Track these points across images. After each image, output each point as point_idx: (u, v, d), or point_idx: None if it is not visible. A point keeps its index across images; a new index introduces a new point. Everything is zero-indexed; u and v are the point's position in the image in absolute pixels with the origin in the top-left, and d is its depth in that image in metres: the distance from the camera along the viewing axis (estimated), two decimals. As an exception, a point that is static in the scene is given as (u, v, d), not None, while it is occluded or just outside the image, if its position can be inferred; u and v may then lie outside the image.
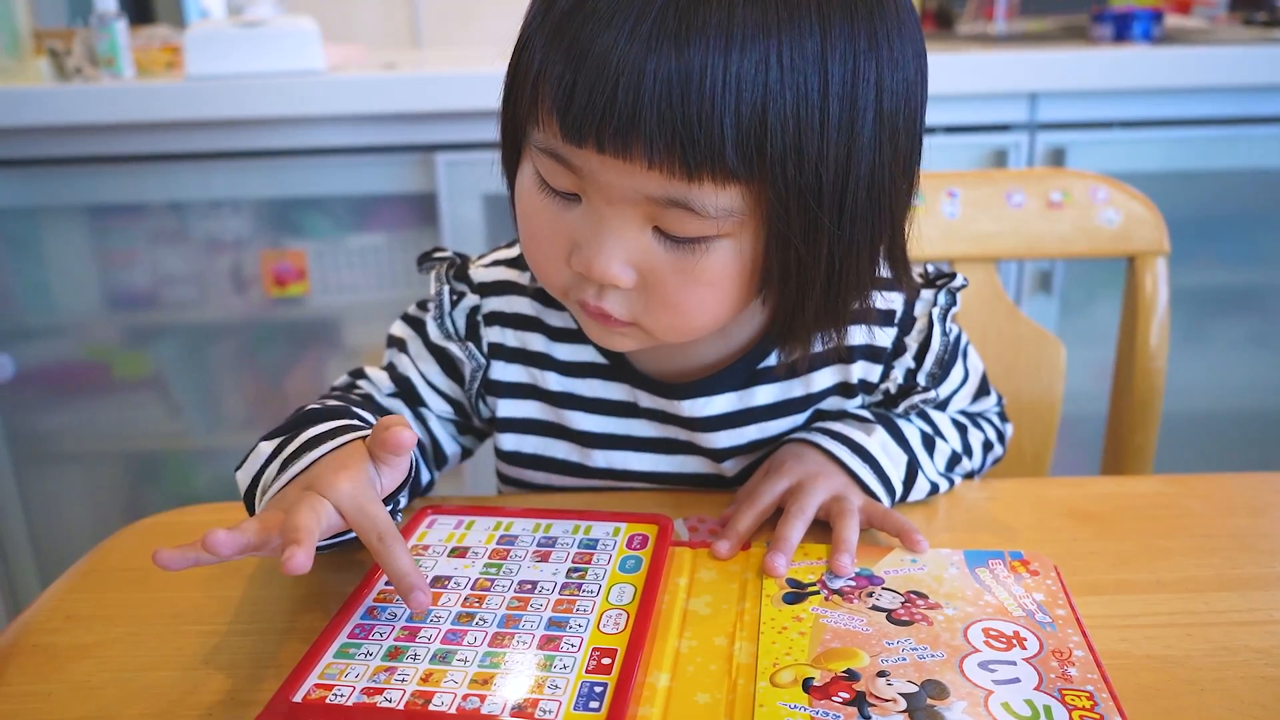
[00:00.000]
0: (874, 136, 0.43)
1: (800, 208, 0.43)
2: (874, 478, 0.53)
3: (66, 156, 1.24)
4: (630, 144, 0.41)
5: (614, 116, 0.40)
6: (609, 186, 0.43)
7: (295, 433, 0.48)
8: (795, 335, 0.49)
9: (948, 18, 1.60)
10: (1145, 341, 0.81)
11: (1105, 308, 1.16)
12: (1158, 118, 1.26)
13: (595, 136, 0.41)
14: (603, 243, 0.44)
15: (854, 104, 0.42)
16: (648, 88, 0.39)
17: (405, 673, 0.40)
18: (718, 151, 0.40)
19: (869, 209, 0.45)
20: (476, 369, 0.59)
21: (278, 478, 0.46)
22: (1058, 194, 0.81)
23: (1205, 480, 0.58)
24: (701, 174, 0.41)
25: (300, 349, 1.43)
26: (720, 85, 0.39)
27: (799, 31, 0.40)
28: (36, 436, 1.39)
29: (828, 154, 0.42)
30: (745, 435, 0.57)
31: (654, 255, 0.45)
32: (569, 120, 0.42)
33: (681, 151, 0.40)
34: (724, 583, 0.47)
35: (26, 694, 0.42)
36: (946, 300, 0.56)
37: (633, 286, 0.46)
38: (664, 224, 0.44)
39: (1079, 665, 0.40)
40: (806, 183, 0.42)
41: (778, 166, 0.41)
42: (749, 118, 0.40)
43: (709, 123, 0.40)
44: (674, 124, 0.40)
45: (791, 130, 0.41)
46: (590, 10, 0.41)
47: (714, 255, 0.45)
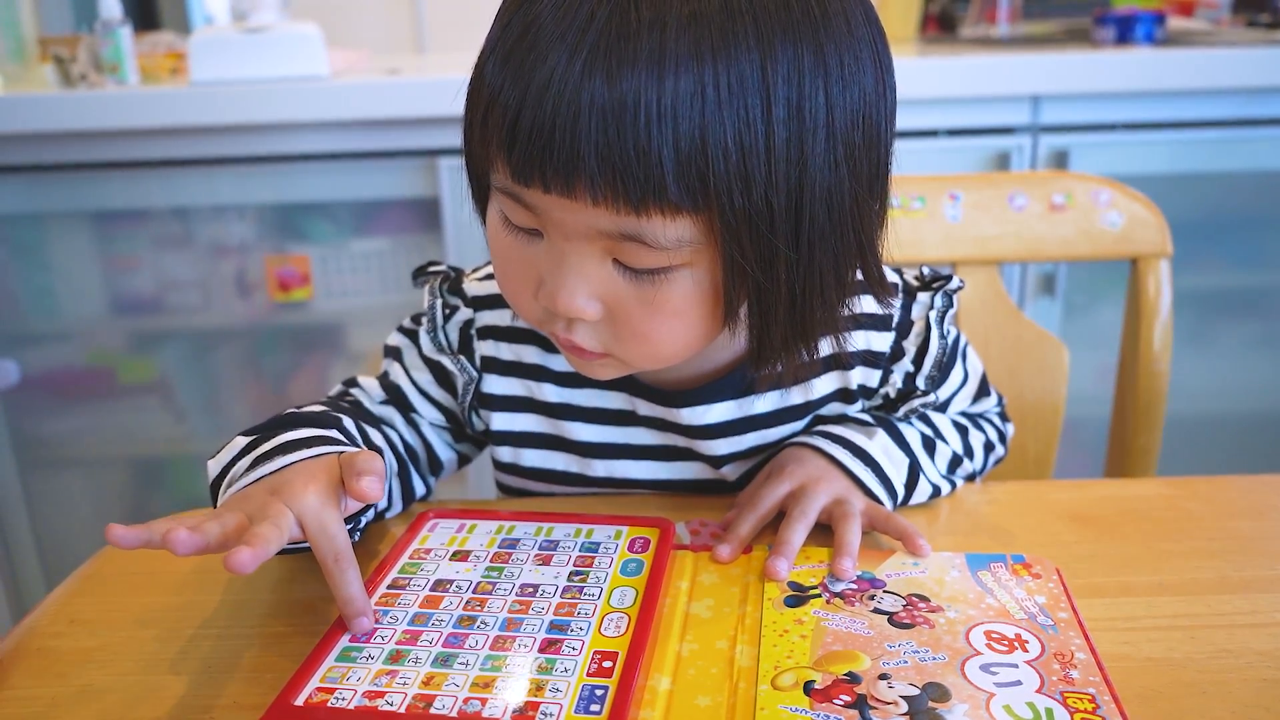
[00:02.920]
0: (828, 157, 0.42)
1: (753, 235, 0.42)
2: (875, 480, 0.53)
3: (71, 162, 1.25)
4: (573, 183, 0.40)
5: (554, 156, 0.40)
6: (562, 223, 0.43)
7: (273, 433, 0.48)
8: (766, 357, 0.49)
9: (950, 21, 1.60)
10: (1148, 344, 0.80)
11: (1108, 310, 1.16)
12: (1160, 120, 1.26)
13: (540, 176, 0.41)
14: (564, 278, 0.44)
15: (801, 126, 0.41)
16: (583, 126, 0.39)
17: (407, 676, 0.40)
18: (659, 185, 0.40)
19: (830, 230, 0.44)
20: (469, 382, 0.59)
21: (246, 474, 0.46)
22: (1060, 196, 0.81)
23: (1208, 483, 0.58)
24: (648, 208, 0.41)
25: (304, 354, 1.44)
26: (655, 117, 0.39)
27: (735, 56, 0.39)
28: (41, 441, 1.40)
29: (777, 179, 0.41)
30: (745, 442, 0.57)
31: (616, 287, 0.45)
32: (514, 161, 0.42)
33: (624, 187, 0.40)
34: (725, 586, 0.47)
35: (30, 698, 0.42)
36: (943, 303, 0.56)
37: (599, 318, 0.46)
38: (621, 256, 0.44)
39: (1081, 668, 0.40)
40: (756, 209, 0.41)
41: (724, 195, 0.41)
42: (688, 148, 0.39)
43: (646, 157, 0.39)
44: (612, 161, 0.39)
45: (734, 157, 0.40)
46: (528, 47, 0.40)
47: (675, 285, 0.44)
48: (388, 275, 1.35)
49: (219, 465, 0.49)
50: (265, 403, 1.42)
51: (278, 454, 0.46)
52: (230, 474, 0.48)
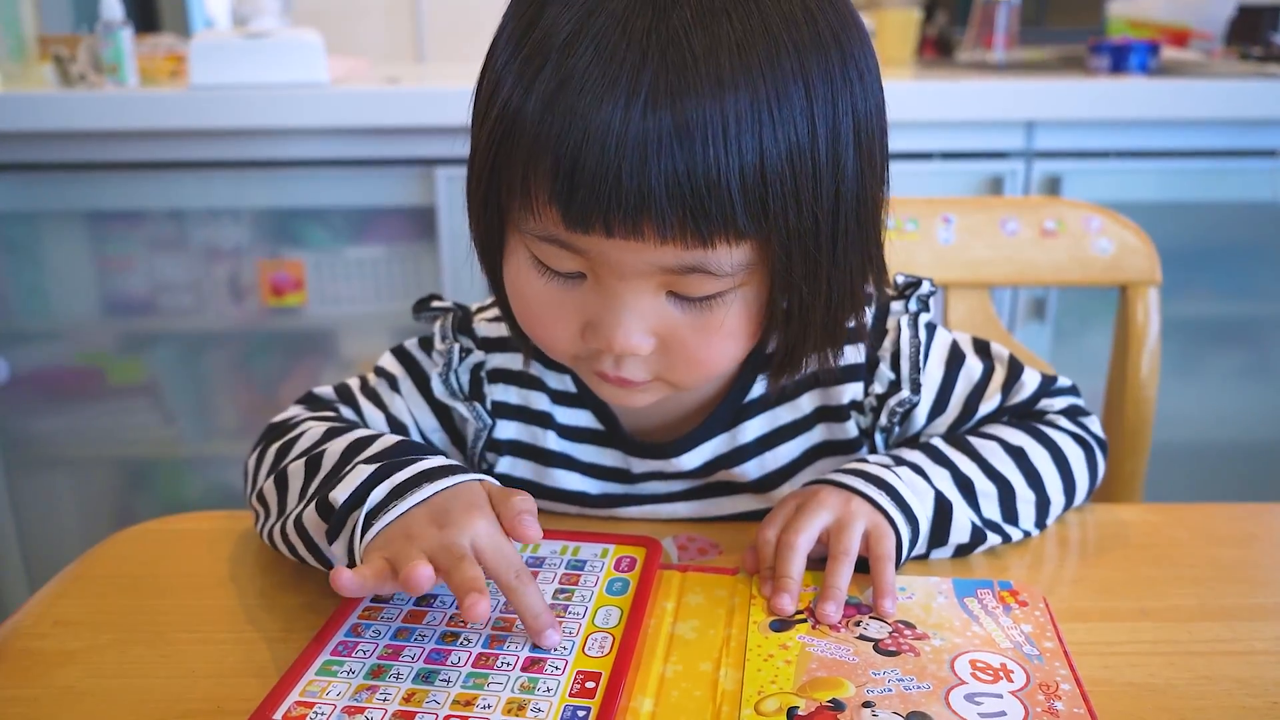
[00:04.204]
0: (856, 166, 0.44)
1: (801, 252, 0.43)
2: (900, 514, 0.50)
3: (68, 162, 1.25)
4: (640, 224, 0.41)
5: (621, 201, 0.40)
6: (620, 264, 0.43)
7: (396, 460, 0.47)
8: (792, 366, 0.50)
9: (947, 45, 1.62)
10: (1136, 370, 0.81)
11: (1097, 336, 1.17)
12: (1152, 149, 1.27)
13: (603, 223, 0.41)
14: (620, 319, 0.44)
15: (837, 141, 0.43)
16: (652, 167, 0.39)
17: (387, 692, 0.40)
18: (729, 217, 0.41)
19: (858, 235, 0.46)
20: (481, 429, 0.58)
21: (390, 504, 0.45)
22: (1052, 222, 0.82)
23: (1192, 510, 0.59)
24: (714, 238, 0.41)
25: (295, 359, 1.43)
26: (722, 151, 0.39)
27: (783, 81, 0.41)
28: (29, 441, 1.39)
29: (822, 195, 0.43)
30: (747, 473, 0.57)
31: (671, 318, 0.45)
32: (573, 210, 0.41)
33: (694, 223, 0.40)
34: (711, 608, 0.47)
35: (12, 699, 0.42)
36: (916, 306, 0.55)
37: (652, 351, 0.46)
38: (679, 288, 0.44)
39: (1065, 699, 0.40)
40: (806, 227, 0.43)
41: (779, 218, 0.42)
42: (751, 172, 0.40)
43: (717, 190, 0.40)
44: (683, 198, 0.40)
45: (789, 180, 0.41)
46: (576, 93, 0.40)
47: (730, 307, 0.45)
48: (381, 283, 1.34)
49: (346, 492, 0.46)
50: (255, 407, 1.41)
51: (422, 482, 0.45)
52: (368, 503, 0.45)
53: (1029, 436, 0.56)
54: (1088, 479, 0.57)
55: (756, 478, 0.57)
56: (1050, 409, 0.59)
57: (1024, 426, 0.57)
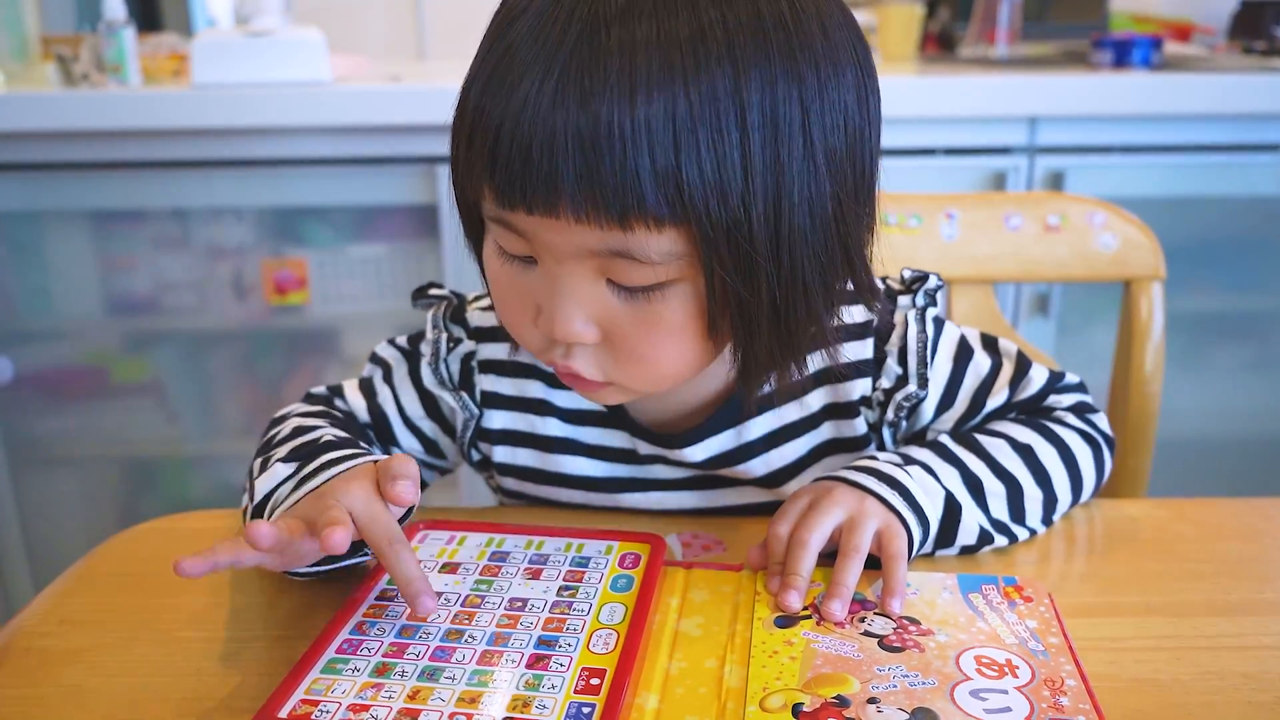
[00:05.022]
0: (806, 163, 0.42)
1: (732, 246, 0.42)
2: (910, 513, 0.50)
3: (71, 161, 1.25)
4: (555, 203, 0.41)
5: (534, 177, 0.40)
6: (552, 245, 0.43)
7: (311, 457, 0.50)
8: (753, 372, 0.48)
9: (950, 40, 1.62)
10: (1140, 365, 0.81)
11: (1101, 331, 1.17)
12: (1155, 144, 1.27)
13: (523, 199, 0.41)
14: (560, 302, 0.44)
15: (776, 133, 0.41)
16: (560, 146, 0.40)
17: (392, 689, 0.40)
18: (638, 198, 0.40)
19: (813, 238, 0.44)
20: (469, 419, 0.59)
21: (291, 494, 0.48)
22: (1055, 218, 0.81)
23: (1197, 505, 0.58)
24: (630, 222, 0.41)
25: (299, 358, 1.43)
26: (630, 137, 0.39)
27: (707, 73, 0.40)
28: (33, 440, 1.39)
29: (754, 187, 0.41)
30: (753, 470, 0.57)
31: (612, 308, 0.45)
32: (497, 185, 0.42)
33: (604, 204, 0.40)
34: (716, 604, 0.47)
35: (18, 697, 0.42)
36: (923, 301, 0.55)
37: (598, 341, 0.46)
38: (613, 275, 0.44)
39: (1071, 695, 0.40)
40: (734, 219, 0.41)
41: (700, 205, 0.41)
42: (663, 164, 0.40)
43: (624, 172, 0.40)
44: (591, 178, 0.40)
45: (710, 169, 0.40)
46: (504, 71, 0.41)
47: (670, 301, 0.44)
48: (385, 281, 1.34)
49: (262, 492, 0.49)
50: (258, 406, 1.42)
51: (321, 471, 0.48)
52: (275, 497, 0.49)
53: (1037, 434, 0.56)
54: (1095, 476, 0.57)
55: (762, 475, 0.57)
56: (1058, 405, 0.58)
57: (1032, 424, 0.57)
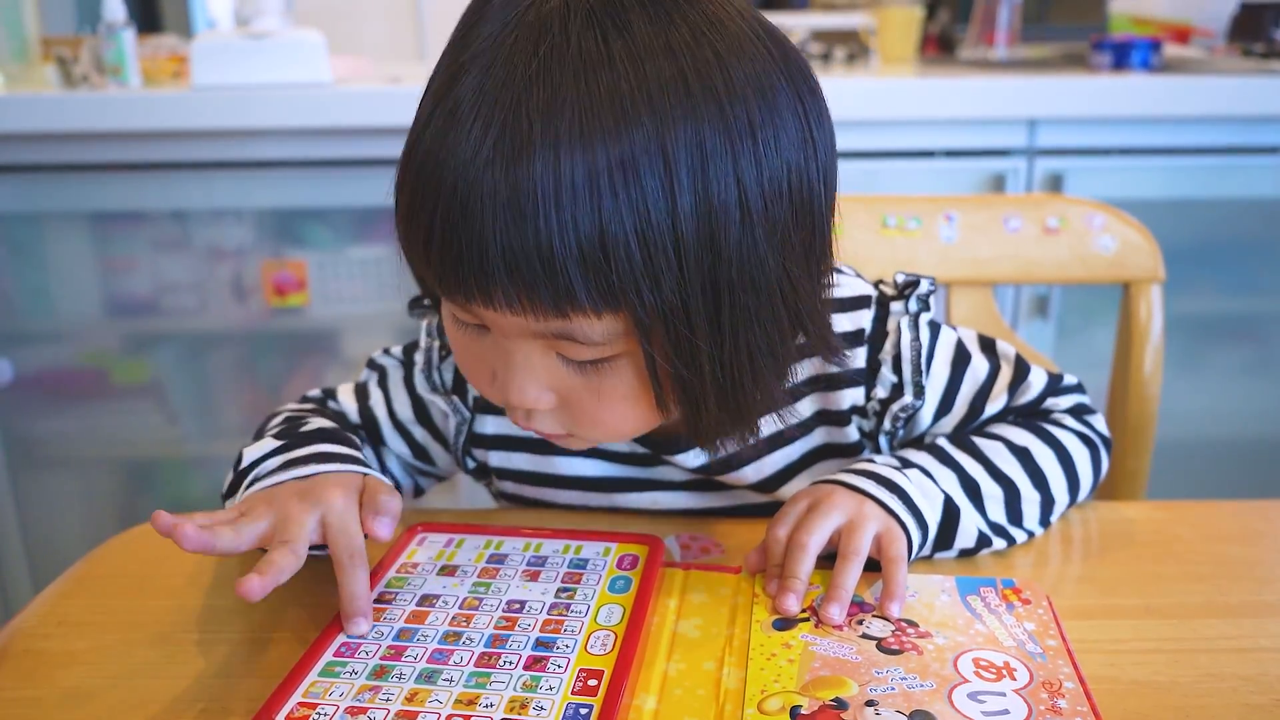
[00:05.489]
0: (745, 240, 0.40)
1: (669, 330, 0.41)
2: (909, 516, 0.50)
3: (71, 163, 1.25)
4: (492, 296, 0.41)
5: (466, 273, 0.40)
6: (498, 324, 0.43)
7: (308, 441, 0.51)
8: (705, 437, 0.47)
9: (949, 42, 1.62)
10: (1139, 367, 0.81)
11: (1101, 333, 1.17)
12: (1155, 146, 1.27)
13: (461, 289, 0.42)
14: (513, 374, 0.45)
15: (710, 213, 0.40)
16: (489, 241, 0.39)
17: (390, 692, 0.40)
18: (569, 294, 0.40)
19: (757, 311, 0.42)
20: (461, 423, 0.59)
21: (278, 472, 0.49)
22: (1054, 220, 0.81)
23: (1196, 507, 0.58)
24: (567, 312, 0.41)
25: (299, 359, 1.43)
26: (556, 229, 0.38)
27: (630, 154, 0.38)
28: (33, 441, 1.39)
29: (688, 273, 0.40)
30: (746, 476, 0.57)
31: (564, 377, 0.45)
32: (434, 275, 0.42)
33: (538, 299, 0.40)
34: (714, 606, 0.47)
35: (16, 699, 0.42)
36: (916, 306, 0.55)
37: (554, 407, 0.46)
38: (561, 350, 0.44)
39: (1069, 697, 0.40)
40: (669, 305, 0.40)
41: (631, 294, 0.40)
42: (591, 253, 0.39)
43: (552, 269, 0.39)
44: (521, 276, 0.40)
45: (638, 256, 0.39)
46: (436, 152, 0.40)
47: (619, 373, 0.44)
48: (384, 283, 1.35)
49: (252, 458, 0.50)
50: (259, 407, 1.42)
51: (311, 461, 0.49)
52: (258, 469, 0.50)
53: (1034, 436, 0.56)
54: (1092, 477, 0.57)
55: (755, 481, 0.57)
56: (1056, 407, 0.58)
57: (1028, 425, 0.57)
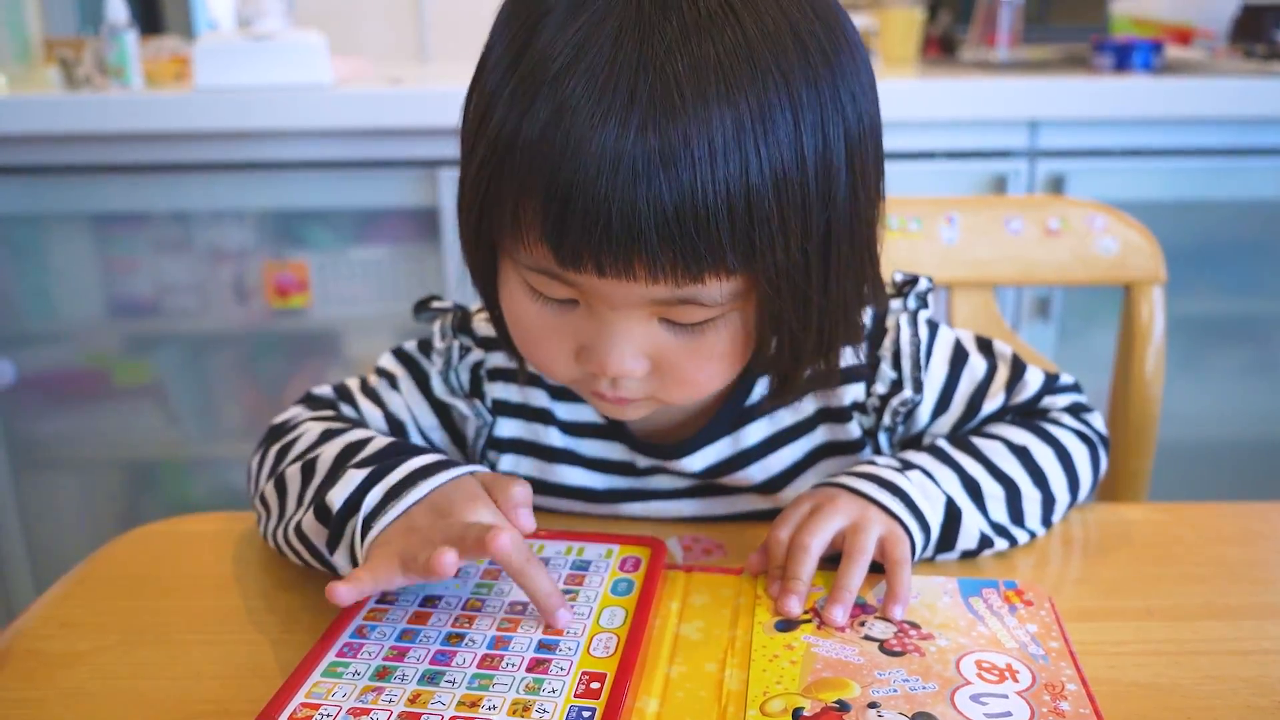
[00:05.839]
0: (848, 191, 0.43)
1: (790, 287, 0.43)
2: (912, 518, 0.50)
3: (73, 164, 1.25)
4: (632, 265, 0.41)
5: (611, 243, 0.40)
6: (611, 297, 0.43)
7: (388, 463, 0.47)
8: (789, 392, 0.50)
9: (951, 44, 1.62)
10: (1141, 369, 0.81)
11: (1102, 335, 1.17)
12: (1156, 147, 1.27)
13: (595, 263, 0.41)
14: (613, 344, 0.45)
15: (829, 172, 0.42)
16: (642, 212, 0.39)
17: (393, 693, 0.40)
18: (718, 255, 0.41)
19: (852, 259, 0.45)
20: (482, 426, 0.58)
21: (387, 506, 0.45)
22: (1056, 221, 0.81)
23: (1197, 509, 0.58)
24: (705, 275, 0.42)
25: (300, 360, 1.43)
26: (711, 193, 0.39)
27: (772, 118, 0.40)
28: (35, 442, 1.39)
29: (811, 229, 0.43)
30: (751, 477, 0.57)
31: (663, 342, 0.46)
32: (563, 251, 0.41)
33: (685, 264, 0.41)
34: (716, 608, 0.47)
35: (18, 700, 0.42)
36: (915, 304, 0.55)
37: (646, 372, 0.46)
38: (671, 315, 0.45)
39: (1071, 699, 0.40)
40: (794, 262, 0.43)
41: (767, 254, 0.42)
42: (740, 209, 0.40)
43: (707, 233, 0.40)
44: (673, 241, 0.40)
45: (776, 218, 0.41)
46: (567, 128, 0.39)
47: (721, 330, 0.45)
48: (385, 284, 1.35)
49: (340, 498, 0.46)
50: (260, 408, 1.42)
51: (417, 480, 0.46)
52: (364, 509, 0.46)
53: (1032, 435, 0.56)
54: (1091, 476, 0.57)
55: (760, 481, 0.57)
56: (1054, 406, 0.58)
57: (1027, 425, 0.57)
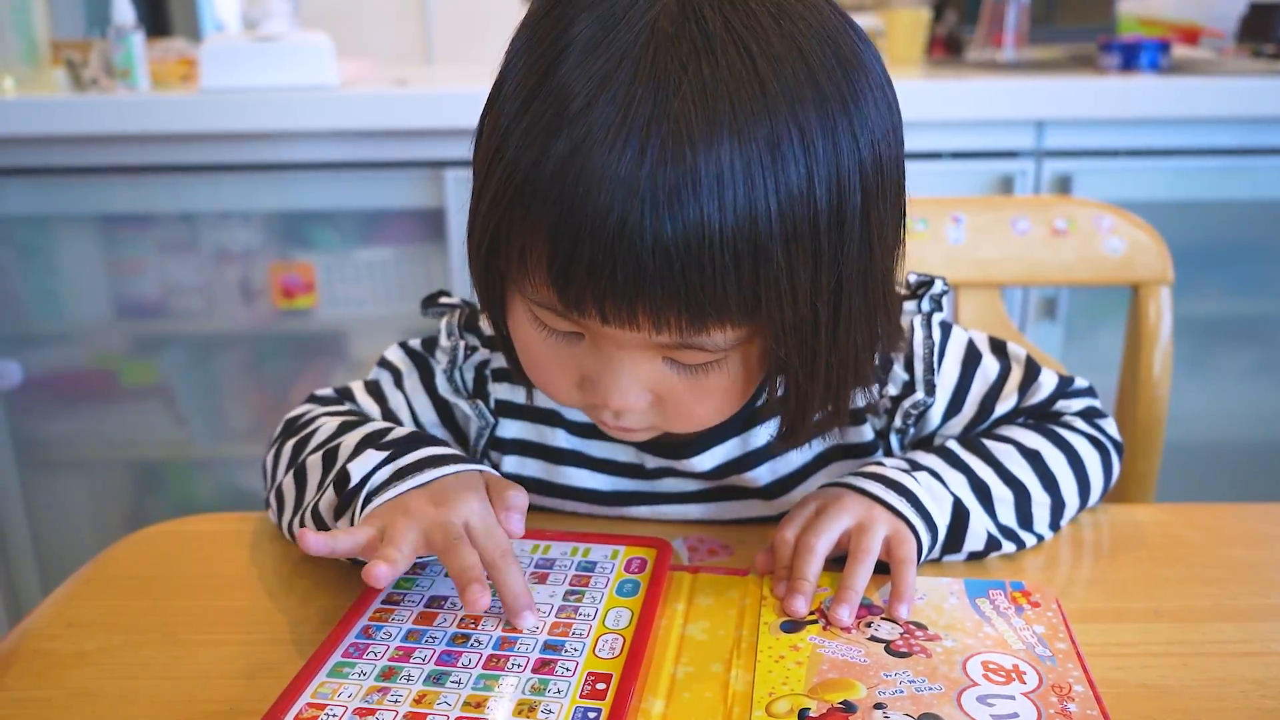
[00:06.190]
0: (863, 245, 0.42)
1: (796, 341, 0.43)
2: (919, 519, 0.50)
3: (80, 166, 1.26)
4: (635, 315, 0.40)
5: (615, 293, 0.39)
6: (617, 339, 0.43)
7: (405, 447, 0.49)
8: (799, 437, 0.48)
9: (957, 44, 1.61)
10: (1148, 370, 0.80)
11: (1109, 335, 1.16)
12: (1163, 147, 1.26)
13: (598, 310, 0.41)
14: (616, 380, 0.44)
15: (842, 224, 0.41)
16: (647, 264, 0.38)
17: (398, 694, 0.40)
18: (724, 310, 0.40)
19: (864, 308, 0.44)
20: (484, 427, 0.58)
21: (392, 482, 0.47)
22: (1062, 221, 0.81)
23: (1205, 510, 0.58)
24: (709, 326, 0.41)
25: (306, 361, 1.44)
26: (719, 249, 0.38)
27: (784, 167, 0.39)
28: (42, 443, 1.40)
29: (821, 284, 0.41)
30: (759, 477, 0.57)
31: (666, 379, 0.45)
32: (567, 295, 0.41)
33: (690, 316, 0.40)
34: (722, 609, 0.47)
35: (26, 699, 0.43)
36: (929, 306, 0.55)
37: (648, 406, 0.46)
38: (675, 357, 0.44)
39: (1078, 701, 0.40)
40: (802, 317, 0.42)
41: (774, 310, 0.41)
42: (749, 272, 0.39)
43: (712, 288, 0.39)
44: (678, 295, 0.39)
45: (785, 271, 0.40)
46: (576, 176, 0.38)
47: (724, 370, 0.45)
48: (391, 285, 1.35)
49: (361, 473, 0.48)
50: (266, 409, 1.42)
51: (425, 466, 0.48)
52: (371, 483, 0.48)
53: (1045, 439, 0.56)
54: (1103, 481, 0.57)
55: (768, 482, 0.57)
56: (1067, 410, 0.58)
57: (1040, 428, 0.56)
